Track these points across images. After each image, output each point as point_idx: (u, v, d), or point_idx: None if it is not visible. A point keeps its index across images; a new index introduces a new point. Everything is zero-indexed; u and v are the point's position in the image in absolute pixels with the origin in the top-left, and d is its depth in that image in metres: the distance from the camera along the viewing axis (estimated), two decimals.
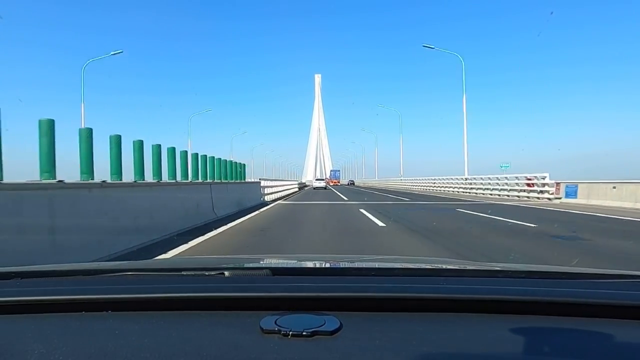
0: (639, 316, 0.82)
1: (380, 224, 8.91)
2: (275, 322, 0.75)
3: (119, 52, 31.50)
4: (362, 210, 12.27)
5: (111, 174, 6.68)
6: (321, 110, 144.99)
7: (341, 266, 1.46)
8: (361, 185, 72.47)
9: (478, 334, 0.77)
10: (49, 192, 4.58)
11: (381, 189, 40.65)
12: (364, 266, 1.44)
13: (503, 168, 25.28)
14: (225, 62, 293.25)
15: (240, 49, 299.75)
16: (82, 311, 0.86)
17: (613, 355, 0.71)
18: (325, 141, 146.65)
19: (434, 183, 33.02)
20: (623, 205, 13.08)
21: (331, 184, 76.10)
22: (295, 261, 1.52)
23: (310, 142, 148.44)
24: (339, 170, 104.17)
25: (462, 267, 1.35)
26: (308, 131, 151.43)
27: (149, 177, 7.85)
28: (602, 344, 0.74)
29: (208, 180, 11.59)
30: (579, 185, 15.89)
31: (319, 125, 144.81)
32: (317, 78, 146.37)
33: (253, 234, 7.80)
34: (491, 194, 22.27)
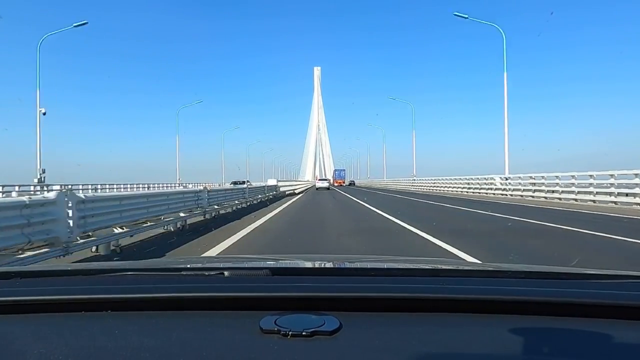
0: (639, 316, 0.82)
1: None
2: (275, 322, 0.75)
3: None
4: None
5: None
6: (321, 105, 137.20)
7: (341, 266, 1.45)
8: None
9: (478, 334, 0.77)
10: None
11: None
12: (364, 266, 1.44)
13: None
14: (223, 62, 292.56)
15: (238, 49, 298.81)
16: (82, 311, 0.86)
17: (613, 355, 0.71)
18: (325, 138, 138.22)
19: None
20: None
21: (335, 184, 73.40)
22: (295, 261, 1.52)
23: (308, 140, 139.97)
24: (344, 170, 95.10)
25: (461, 267, 1.35)
26: (306, 129, 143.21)
27: None
28: (602, 344, 0.74)
29: None
30: None
31: (319, 121, 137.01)
32: (317, 71, 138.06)
33: None
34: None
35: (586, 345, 0.74)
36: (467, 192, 27.88)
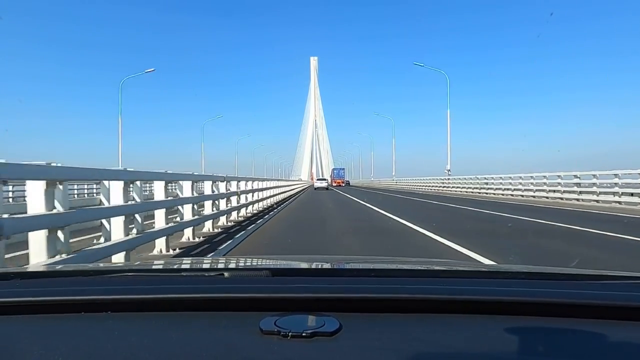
0: (638, 317, 0.82)
1: None
2: (275, 323, 0.75)
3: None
4: None
5: None
6: (318, 99, 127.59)
7: (341, 267, 1.45)
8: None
9: (477, 334, 0.77)
10: None
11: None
12: (364, 267, 1.44)
13: None
14: (224, 71, 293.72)
15: (238, 60, 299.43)
16: (81, 312, 0.85)
17: (612, 356, 0.71)
18: (323, 133, 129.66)
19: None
20: None
21: (334, 184, 70.61)
22: (295, 262, 1.52)
23: (303, 136, 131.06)
24: (343, 169, 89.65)
25: (461, 268, 1.35)
26: (299, 126, 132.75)
27: None
28: (601, 345, 0.74)
29: None
30: None
31: (315, 116, 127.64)
32: (313, 61, 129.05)
33: None
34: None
35: (586, 346, 0.74)
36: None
